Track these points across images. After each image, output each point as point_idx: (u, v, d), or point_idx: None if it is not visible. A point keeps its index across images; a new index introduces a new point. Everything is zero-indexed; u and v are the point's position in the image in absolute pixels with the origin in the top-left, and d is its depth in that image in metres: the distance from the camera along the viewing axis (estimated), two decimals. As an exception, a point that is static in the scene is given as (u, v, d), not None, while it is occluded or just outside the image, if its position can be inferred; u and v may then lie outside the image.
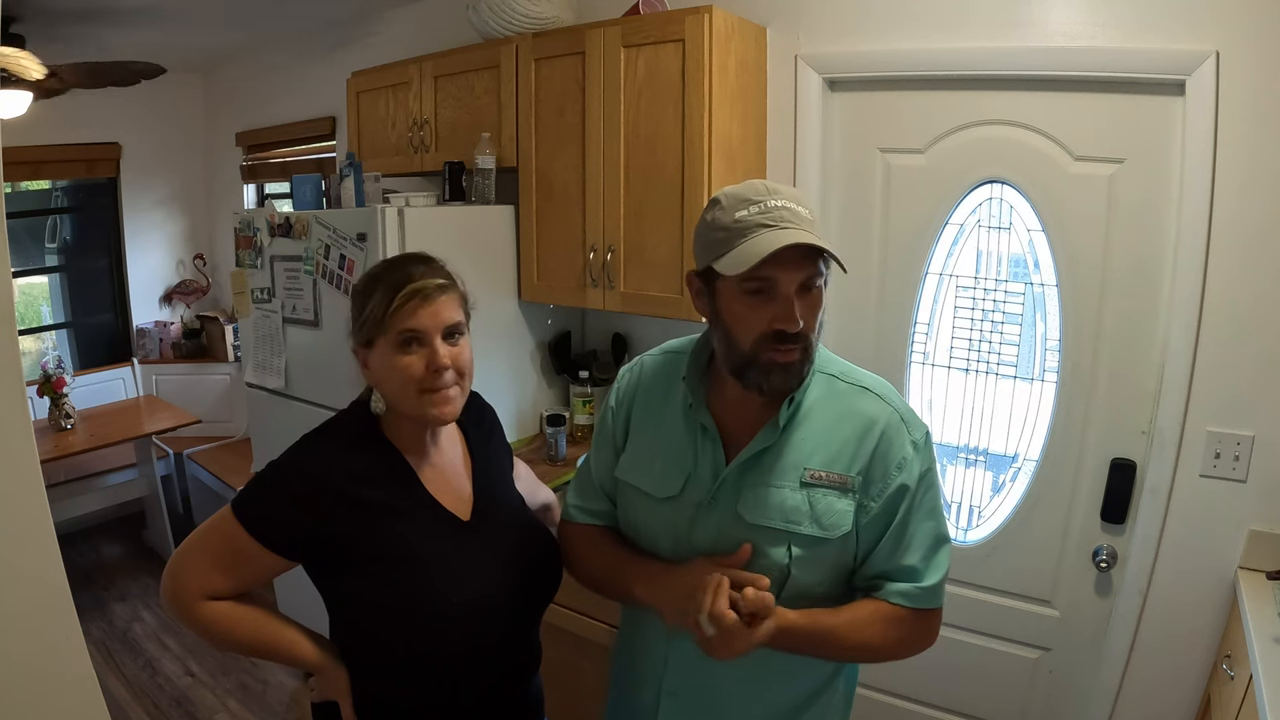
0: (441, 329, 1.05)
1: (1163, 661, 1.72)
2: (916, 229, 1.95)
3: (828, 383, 1.03)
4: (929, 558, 1.01)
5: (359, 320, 1.06)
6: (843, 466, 0.99)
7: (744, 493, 1.00)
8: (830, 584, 1.01)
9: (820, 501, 0.98)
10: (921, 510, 1.01)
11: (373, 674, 1.07)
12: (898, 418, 1.01)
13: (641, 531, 1.10)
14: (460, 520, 1.10)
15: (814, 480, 0.99)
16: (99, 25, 2.92)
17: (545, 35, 2.17)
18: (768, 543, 0.98)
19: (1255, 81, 1.51)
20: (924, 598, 1.00)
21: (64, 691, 1.40)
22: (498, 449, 1.27)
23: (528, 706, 1.18)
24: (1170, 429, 1.66)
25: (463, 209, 2.24)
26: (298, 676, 2.64)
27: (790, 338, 0.94)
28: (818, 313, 0.97)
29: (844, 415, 1.01)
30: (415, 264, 1.08)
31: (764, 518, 0.99)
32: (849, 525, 0.98)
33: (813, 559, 0.98)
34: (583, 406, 2.41)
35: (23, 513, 1.31)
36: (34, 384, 3.18)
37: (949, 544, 1.04)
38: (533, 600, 1.17)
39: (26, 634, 1.33)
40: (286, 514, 1.01)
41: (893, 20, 1.88)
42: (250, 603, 1.05)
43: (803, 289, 0.94)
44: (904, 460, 0.99)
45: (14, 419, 1.29)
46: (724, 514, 1.01)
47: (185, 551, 1.05)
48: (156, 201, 4.18)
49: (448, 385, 1.05)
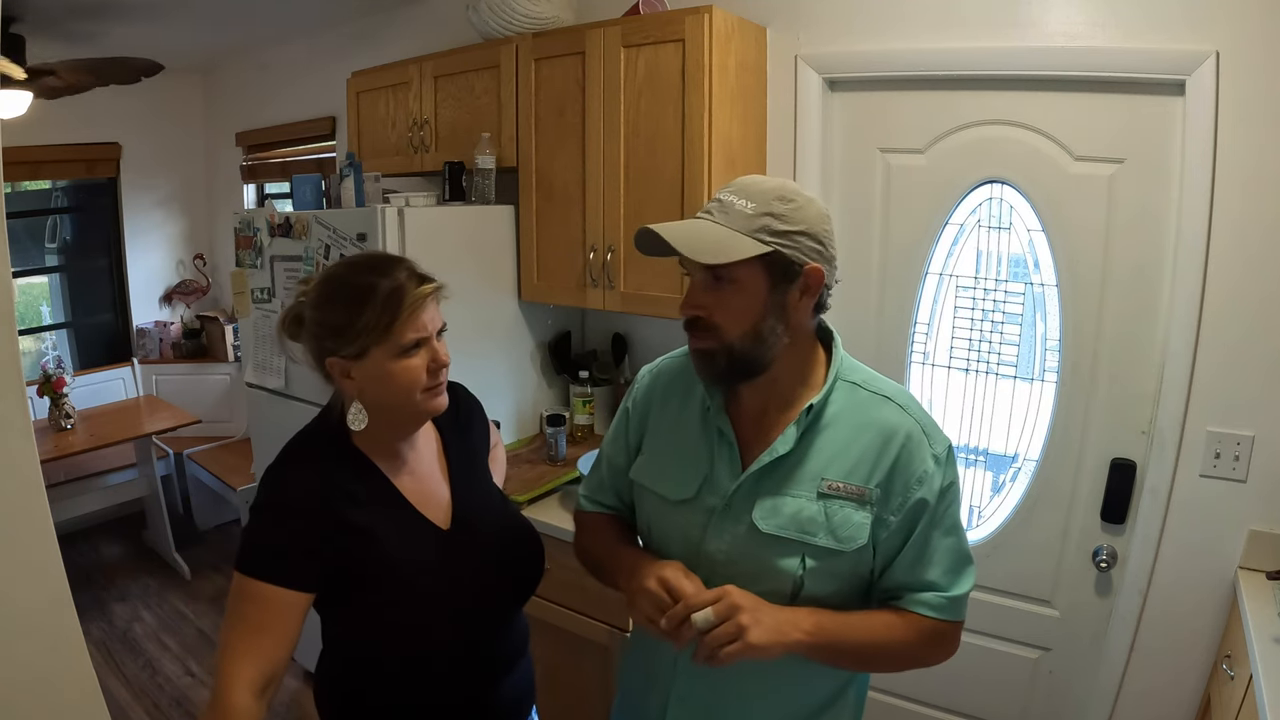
0: (437, 329, 1.06)
1: (1163, 661, 1.72)
2: (916, 229, 1.95)
3: (850, 391, 1.01)
4: (952, 572, 0.99)
5: (349, 332, 1.01)
6: (861, 478, 0.96)
7: (759, 501, 0.98)
8: (844, 596, 0.99)
9: (837, 513, 0.96)
10: (942, 526, 0.98)
11: (364, 682, 1.07)
12: (919, 430, 0.97)
13: (654, 535, 1.09)
14: (441, 530, 1.11)
15: (831, 491, 0.96)
16: (99, 24, 2.92)
17: (545, 35, 2.17)
18: (781, 553, 0.96)
19: (1255, 81, 1.51)
20: (948, 608, 0.98)
21: (64, 691, 1.40)
22: (477, 439, 1.27)
23: (521, 686, 1.20)
24: (1170, 429, 1.66)
25: (463, 209, 2.24)
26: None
27: (692, 324, 0.96)
28: (733, 305, 0.93)
29: (864, 425, 0.98)
30: (398, 269, 1.04)
31: (778, 527, 0.96)
32: (865, 538, 0.96)
33: (826, 571, 0.96)
34: (583, 406, 2.41)
35: (23, 513, 1.31)
36: (34, 384, 3.19)
37: (972, 560, 1.02)
38: (517, 598, 1.18)
39: (26, 634, 1.33)
40: (288, 548, 0.98)
41: (893, 20, 1.88)
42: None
43: (714, 279, 0.93)
44: (924, 474, 0.96)
45: (14, 419, 1.29)
46: (738, 521, 0.99)
47: (221, 648, 0.96)
48: (156, 201, 4.18)
49: (443, 380, 1.07)
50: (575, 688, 1.93)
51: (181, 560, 3.46)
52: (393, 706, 1.07)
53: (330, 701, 1.13)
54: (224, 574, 3.46)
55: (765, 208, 0.92)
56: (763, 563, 0.97)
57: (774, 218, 0.91)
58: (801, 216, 0.93)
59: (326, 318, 1.03)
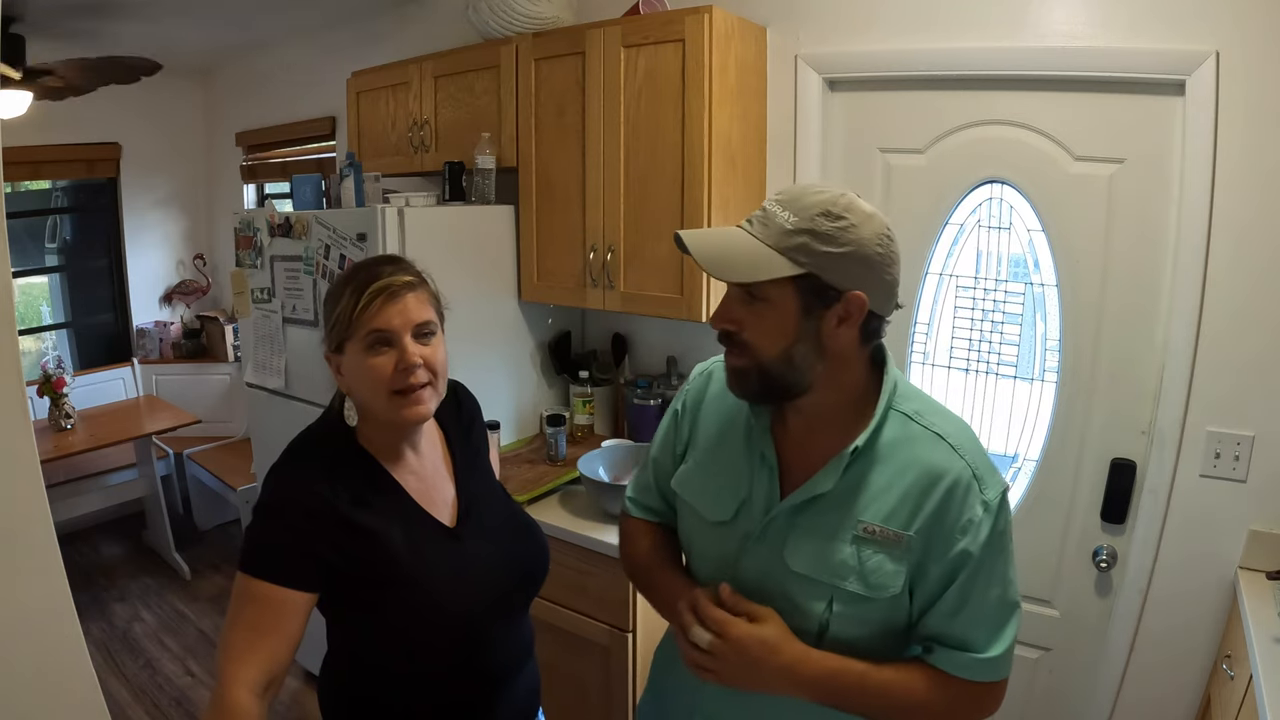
0: (411, 327, 1.02)
1: (1163, 661, 1.72)
2: (916, 229, 1.95)
3: (902, 424, 0.93)
4: (992, 629, 0.90)
5: (329, 325, 1.04)
6: (900, 523, 0.89)
7: (791, 537, 0.93)
8: (874, 642, 0.92)
9: (870, 559, 0.89)
10: (988, 577, 0.89)
11: (369, 683, 1.07)
12: (969, 474, 0.89)
13: (693, 550, 1.07)
14: (447, 528, 1.10)
15: (867, 535, 0.90)
16: (99, 24, 2.92)
17: (545, 35, 2.17)
18: (808, 595, 0.92)
19: (1255, 81, 1.51)
20: (981, 669, 0.90)
21: (64, 691, 1.40)
22: (479, 439, 1.26)
23: (527, 688, 1.19)
24: (1170, 429, 1.66)
25: (463, 209, 2.24)
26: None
27: (726, 339, 0.92)
28: (765, 325, 0.88)
29: (910, 464, 0.90)
30: (383, 264, 1.06)
31: (808, 567, 0.92)
32: (898, 588, 0.89)
33: (855, 616, 0.91)
34: (583, 406, 2.41)
35: (23, 513, 1.31)
36: (34, 384, 3.19)
37: (1017, 612, 0.92)
38: (523, 596, 1.17)
39: (27, 634, 1.33)
40: (291, 548, 0.97)
41: (893, 20, 1.88)
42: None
43: (748, 294, 0.88)
44: (970, 523, 0.88)
45: (14, 419, 1.29)
46: (771, 552, 0.95)
47: (223, 648, 0.95)
48: (156, 201, 4.18)
49: (419, 385, 1.02)
50: (575, 688, 1.93)
51: (181, 560, 3.46)
52: (399, 708, 1.06)
53: (335, 703, 1.12)
54: (224, 574, 3.47)
55: (807, 224, 0.84)
56: (790, 599, 0.93)
57: (815, 236, 0.84)
58: (851, 237, 0.85)
59: (324, 312, 1.07)
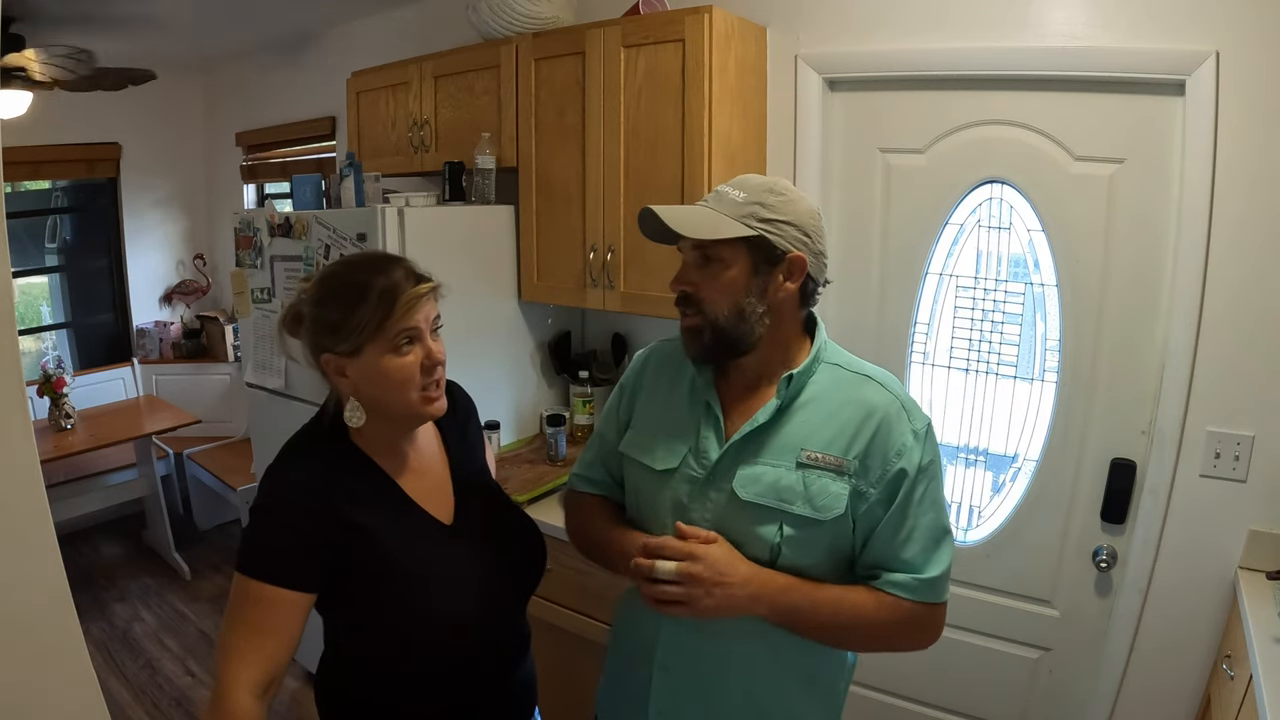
0: (431, 326, 1.06)
1: (1163, 661, 1.72)
2: (916, 229, 1.95)
3: (832, 372, 1.06)
4: (928, 551, 1.00)
5: (344, 329, 1.01)
6: (840, 449, 1.00)
7: (740, 470, 1.02)
8: (825, 569, 1.02)
9: (815, 483, 0.99)
10: (922, 502, 1.00)
11: (367, 682, 1.07)
12: (898, 405, 1.02)
13: (644, 508, 1.12)
14: (443, 525, 1.10)
15: (810, 461, 1.00)
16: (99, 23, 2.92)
17: (545, 35, 2.17)
18: (760, 520, 1.00)
19: (1255, 81, 1.51)
20: (922, 590, 1.00)
21: (64, 692, 1.40)
22: (474, 436, 1.27)
23: (524, 684, 1.20)
24: (1170, 429, 1.66)
25: (463, 209, 2.24)
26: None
27: (683, 301, 1.04)
28: (718, 283, 1.01)
29: (845, 401, 1.02)
30: (395, 268, 1.04)
31: (757, 495, 1.00)
32: (842, 508, 0.99)
33: (805, 540, 1.00)
34: (583, 406, 2.41)
35: (23, 513, 1.31)
36: (34, 384, 3.19)
37: (950, 537, 1.04)
38: (521, 593, 1.18)
39: (26, 634, 1.33)
40: (289, 548, 0.97)
41: (894, 20, 1.88)
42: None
43: (703, 259, 1.02)
44: (903, 448, 0.99)
45: (14, 419, 1.29)
46: (719, 490, 1.03)
47: (222, 649, 0.95)
48: (156, 201, 4.18)
49: (441, 380, 1.07)
50: (575, 687, 1.93)
51: (181, 560, 3.46)
52: (397, 707, 1.06)
53: (332, 701, 1.12)
54: (224, 574, 3.47)
55: (755, 198, 1.00)
56: (742, 531, 1.01)
57: (762, 206, 0.99)
58: (790, 210, 1.00)
59: (324, 315, 1.03)
